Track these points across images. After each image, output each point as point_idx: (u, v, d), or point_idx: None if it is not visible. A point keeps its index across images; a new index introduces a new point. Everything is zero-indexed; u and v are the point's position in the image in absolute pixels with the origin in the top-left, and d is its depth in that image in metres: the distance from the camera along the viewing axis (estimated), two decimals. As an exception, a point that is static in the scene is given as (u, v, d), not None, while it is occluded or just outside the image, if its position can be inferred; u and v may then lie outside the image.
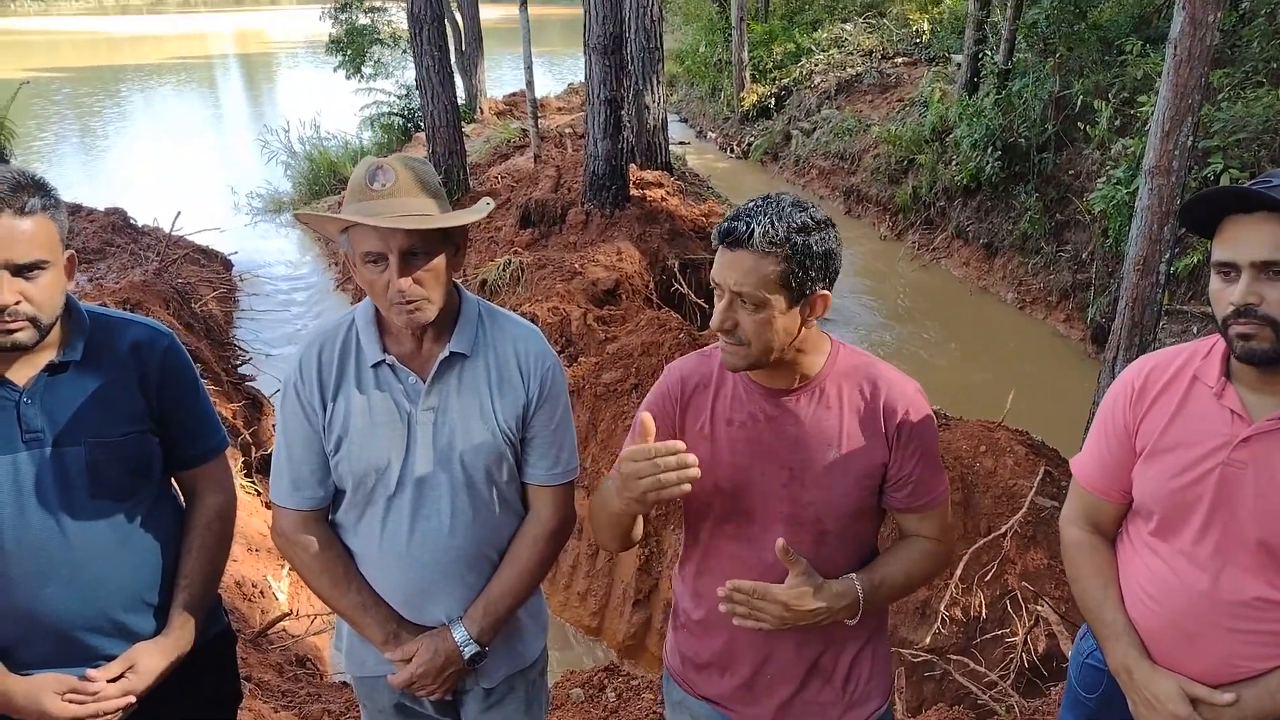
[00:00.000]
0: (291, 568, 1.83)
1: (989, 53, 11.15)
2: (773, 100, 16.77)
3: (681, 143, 16.03)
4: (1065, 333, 8.75)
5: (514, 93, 18.30)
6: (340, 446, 1.75)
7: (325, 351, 1.77)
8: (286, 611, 4.03)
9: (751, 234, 1.49)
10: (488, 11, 20.22)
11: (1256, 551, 1.50)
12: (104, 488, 1.67)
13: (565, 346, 6.02)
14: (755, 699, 1.75)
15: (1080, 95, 9.02)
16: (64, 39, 49.43)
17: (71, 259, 1.68)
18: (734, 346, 1.56)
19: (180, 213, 9.45)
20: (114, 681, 1.68)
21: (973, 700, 3.74)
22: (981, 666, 3.90)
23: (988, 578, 4.31)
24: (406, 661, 1.78)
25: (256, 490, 5.41)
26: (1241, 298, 1.44)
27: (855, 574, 1.64)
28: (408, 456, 1.74)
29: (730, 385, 1.69)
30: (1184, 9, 4.65)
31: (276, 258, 11.54)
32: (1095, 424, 1.74)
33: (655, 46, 10.23)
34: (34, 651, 1.66)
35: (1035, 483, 4.49)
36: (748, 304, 1.52)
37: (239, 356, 7.73)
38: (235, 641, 2.02)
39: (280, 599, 4.29)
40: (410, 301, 1.64)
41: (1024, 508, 4.37)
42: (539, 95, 12.81)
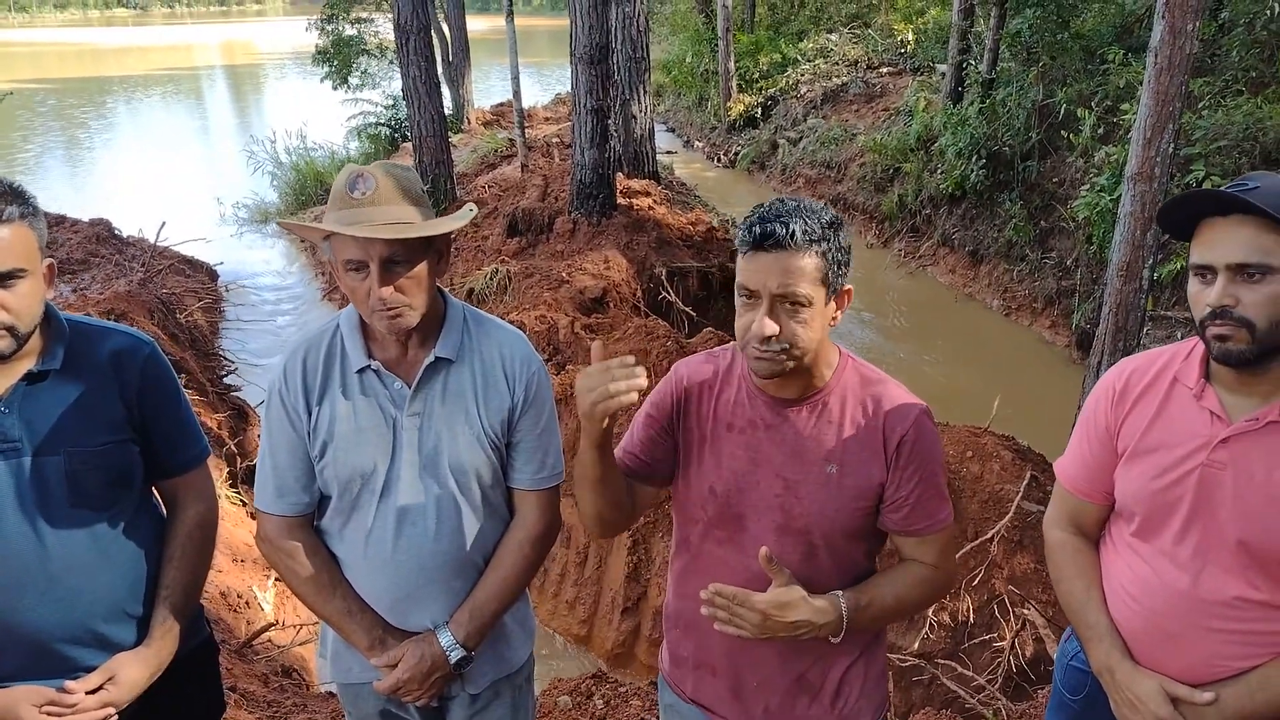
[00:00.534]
0: (277, 574, 1.81)
1: (973, 62, 11.24)
2: (759, 110, 16.87)
3: (669, 152, 16.07)
4: (1050, 339, 8.81)
5: (501, 103, 18.31)
6: (325, 452, 1.74)
7: (310, 357, 1.76)
8: (272, 622, 4.00)
9: (793, 234, 1.47)
10: (475, 23, 20.29)
11: (1236, 551, 1.51)
12: (83, 497, 1.66)
13: (553, 355, 6.01)
14: (744, 707, 1.74)
15: (1063, 104, 9.10)
16: (49, 50, 49.28)
17: (51, 267, 1.67)
18: (772, 353, 1.51)
19: (165, 223, 9.40)
20: (93, 693, 1.66)
21: (961, 704, 3.75)
22: (969, 671, 3.90)
23: (975, 582, 4.32)
24: (392, 667, 1.77)
25: (242, 501, 5.37)
26: (1217, 299, 1.45)
27: (842, 592, 1.61)
28: (393, 462, 1.74)
29: (734, 390, 1.68)
30: (1164, 18, 4.71)
31: (262, 268, 11.50)
32: (1078, 426, 1.75)
33: (641, 57, 10.27)
34: (11, 663, 1.64)
35: (1022, 487, 4.50)
36: (790, 305, 1.50)
37: (224, 367, 7.69)
38: (218, 652, 2.00)
39: (266, 609, 4.26)
40: (392, 309, 1.64)
41: (1010, 512, 4.38)
42: (526, 105, 12.84)
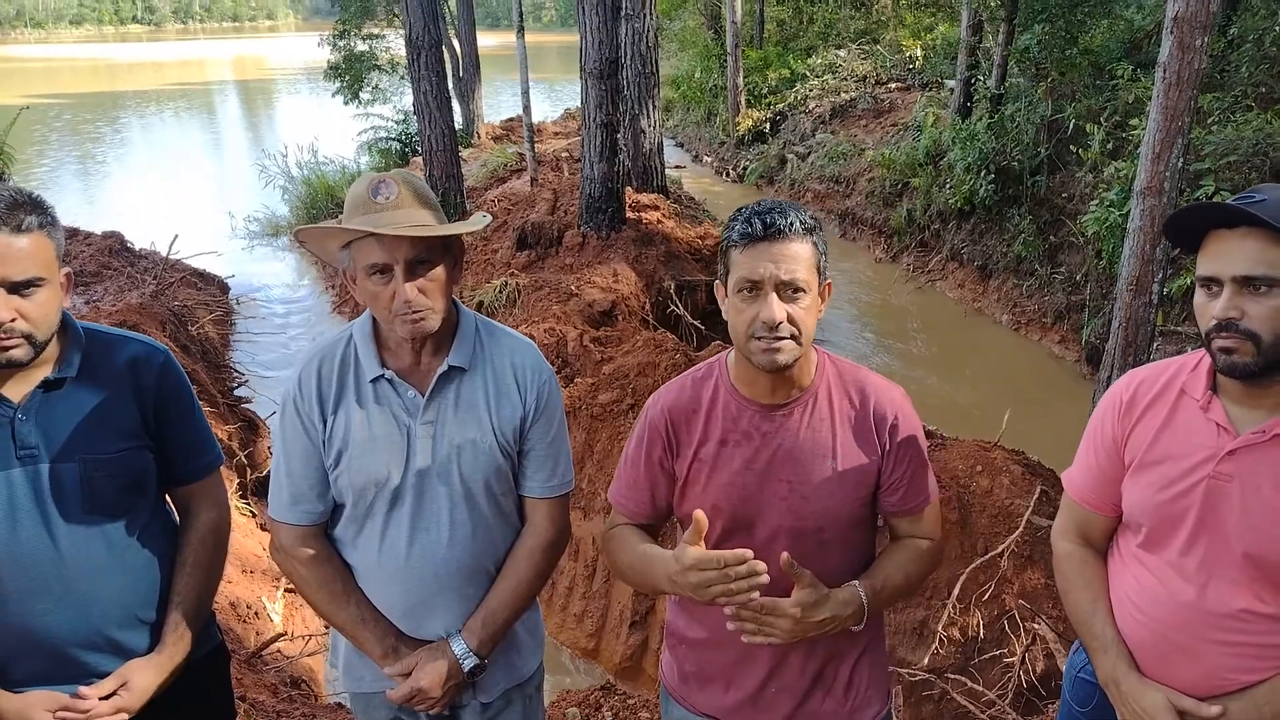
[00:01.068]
0: (290, 583, 1.83)
1: (981, 78, 11.26)
2: (768, 125, 16.91)
3: (677, 166, 16.14)
4: (1060, 354, 8.78)
5: (510, 118, 18.41)
6: (340, 460, 1.76)
7: (324, 367, 1.78)
8: (281, 632, 4.01)
9: (792, 224, 1.54)
10: (485, 39, 20.42)
11: (1242, 564, 1.51)
12: (98, 504, 1.68)
13: (561, 367, 6.03)
14: (759, 713, 1.75)
15: (1072, 119, 9.11)
16: (64, 66, 49.81)
17: (68, 276, 1.69)
18: (782, 341, 1.55)
19: (177, 236, 9.49)
20: (106, 699, 1.67)
21: (972, 719, 3.73)
22: (980, 686, 3.88)
23: (985, 597, 4.29)
24: (405, 676, 1.78)
25: (252, 512, 5.39)
26: (1223, 312, 1.45)
27: (857, 580, 1.65)
28: (407, 470, 1.75)
29: (721, 405, 1.70)
30: (1172, 33, 4.72)
31: (273, 281, 11.57)
32: (1085, 437, 1.75)
33: (651, 72, 10.33)
34: (26, 668, 1.66)
35: (1031, 502, 4.49)
36: (792, 292, 1.55)
37: (235, 379, 7.72)
38: (229, 658, 2.02)
39: (275, 620, 4.27)
40: (416, 311, 1.66)
41: (1020, 527, 4.37)
42: (536, 120, 12.91)
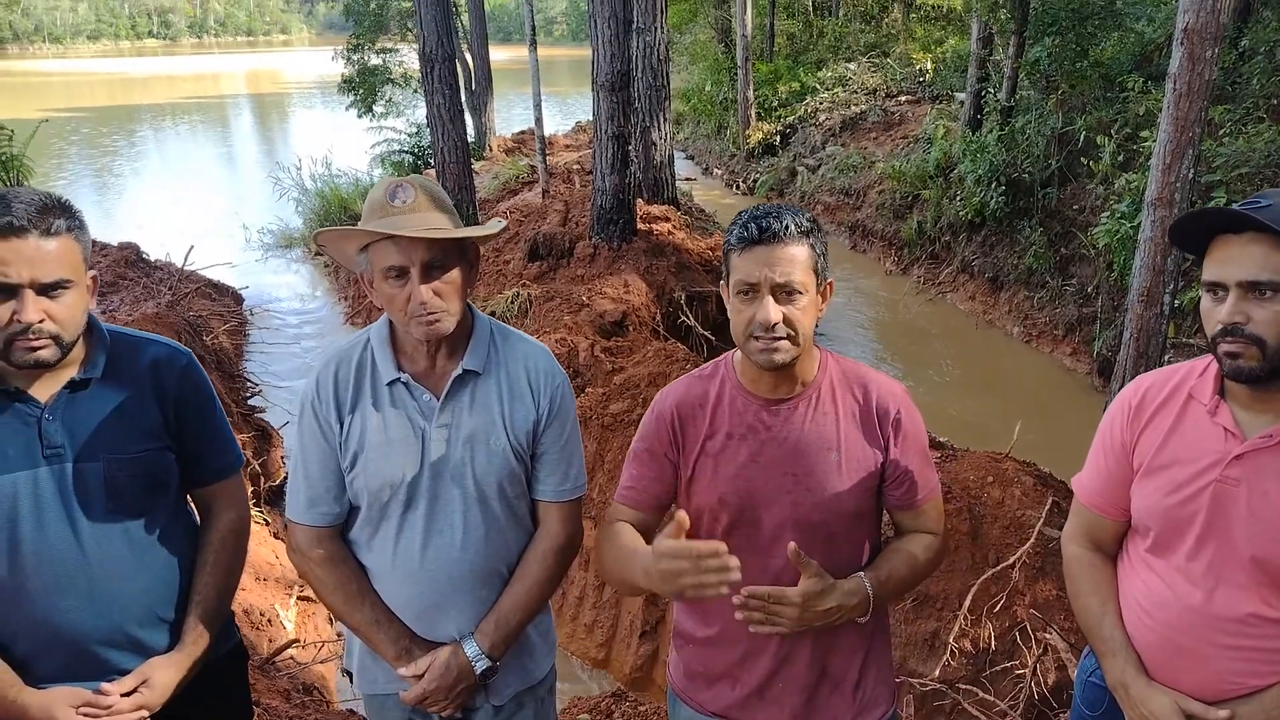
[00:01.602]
0: (306, 583, 1.86)
1: (991, 90, 11.27)
2: (778, 138, 16.95)
3: (688, 179, 16.18)
4: (1072, 366, 8.76)
5: (522, 131, 18.51)
6: (356, 462, 1.78)
7: (342, 370, 1.81)
8: (294, 639, 4.04)
9: (786, 227, 1.58)
10: (497, 53, 20.57)
11: (1250, 568, 1.52)
12: (121, 502, 1.71)
13: (573, 377, 6.06)
14: (766, 708, 1.77)
15: (1083, 131, 9.12)
16: (81, 80, 50.34)
17: (94, 279, 1.73)
18: (779, 341, 1.60)
19: (193, 247, 9.58)
20: (128, 696, 1.70)
21: (982, 730, 3.72)
22: (991, 696, 3.87)
23: (996, 609, 4.28)
24: (418, 677, 1.80)
25: (265, 520, 5.43)
26: (1228, 316, 1.47)
27: (863, 572, 1.68)
28: (421, 472, 1.78)
29: (727, 400, 1.74)
30: (1182, 45, 4.74)
31: (287, 292, 11.66)
32: (1095, 442, 1.76)
33: (662, 85, 10.39)
34: (49, 665, 1.69)
35: (1043, 513, 4.48)
36: (788, 294, 1.59)
37: (249, 389, 7.78)
38: (248, 658, 2.04)
39: (288, 628, 4.30)
40: (432, 312, 1.69)
41: (1032, 538, 4.36)
42: (547, 133, 12.98)
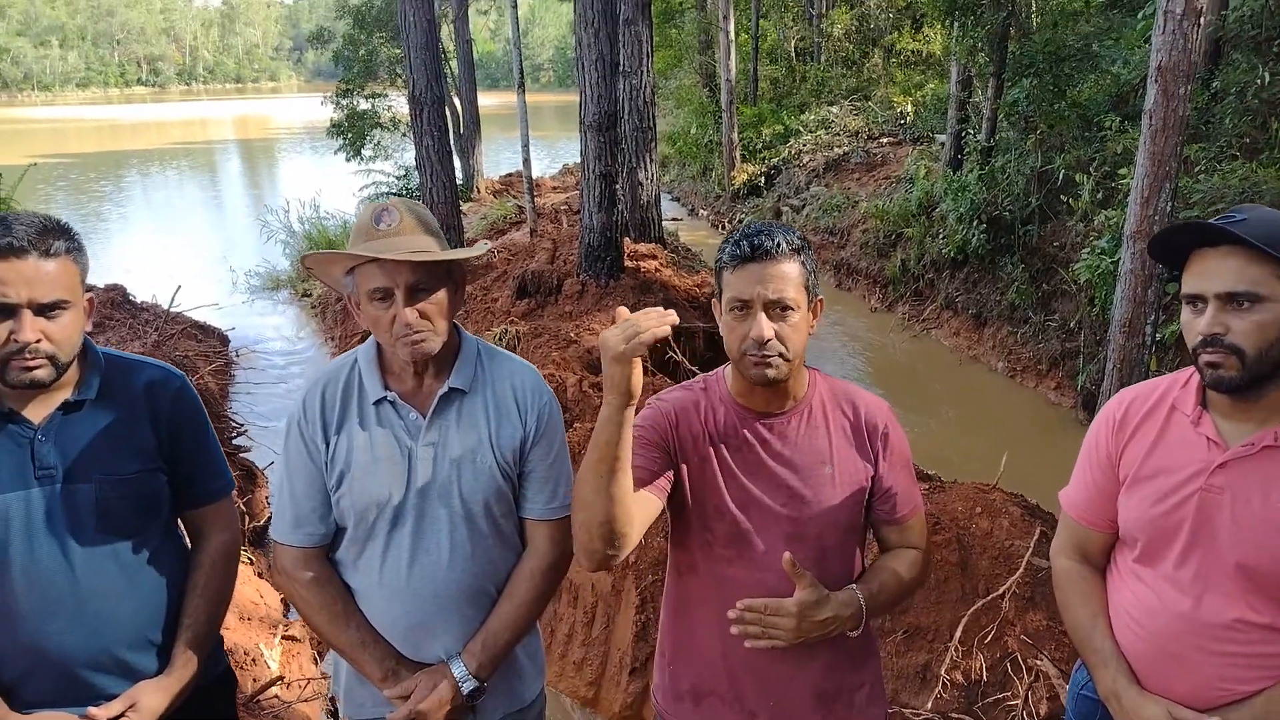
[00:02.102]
0: (292, 605, 1.84)
1: (971, 131, 11.49)
2: (763, 179, 17.19)
3: (674, 219, 16.35)
4: (1056, 400, 8.83)
5: (509, 173, 18.69)
6: (342, 482, 1.78)
7: (329, 390, 1.82)
8: (279, 676, 3.99)
9: (779, 244, 1.61)
10: (485, 99, 20.85)
11: (1235, 574, 1.53)
12: (112, 524, 1.70)
13: (562, 412, 6.06)
14: None
15: (1062, 169, 9.28)
16: (69, 126, 50.56)
17: (90, 301, 1.74)
18: (771, 357, 1.61)
19: (180, 288, 9.58)
20: None
21: (976, 761, 3.69)
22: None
23: (987, 640, 4.27)
24: (405, 699, 1.78)
25: (249, 559, 5.37)
26: (1208, 328, 1.50)
27: (854, 584, 1.70)
28: (408, 490, 1.78)
29: (722, 412, 1.74)
30: (1156, 82, 4.87)
31: (273, 334, 11.64)
32: (1081, 456, 1.79)
33: (648, 126, 10.53)
34: (37, 689, 1.67)
35: (1032, 543, 4.49)
36: (781, 310, 1.61)
37: (234, 429, 7.74)
38: (236, 683, 2.02)
39: (272, 667, 4.24)
40: (417, 333, 1.70)
41: (1021, 568, 4.36)
42: (534, 175, 13.11)
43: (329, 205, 15.22)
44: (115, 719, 1.68)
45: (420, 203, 1.84)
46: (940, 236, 10.97)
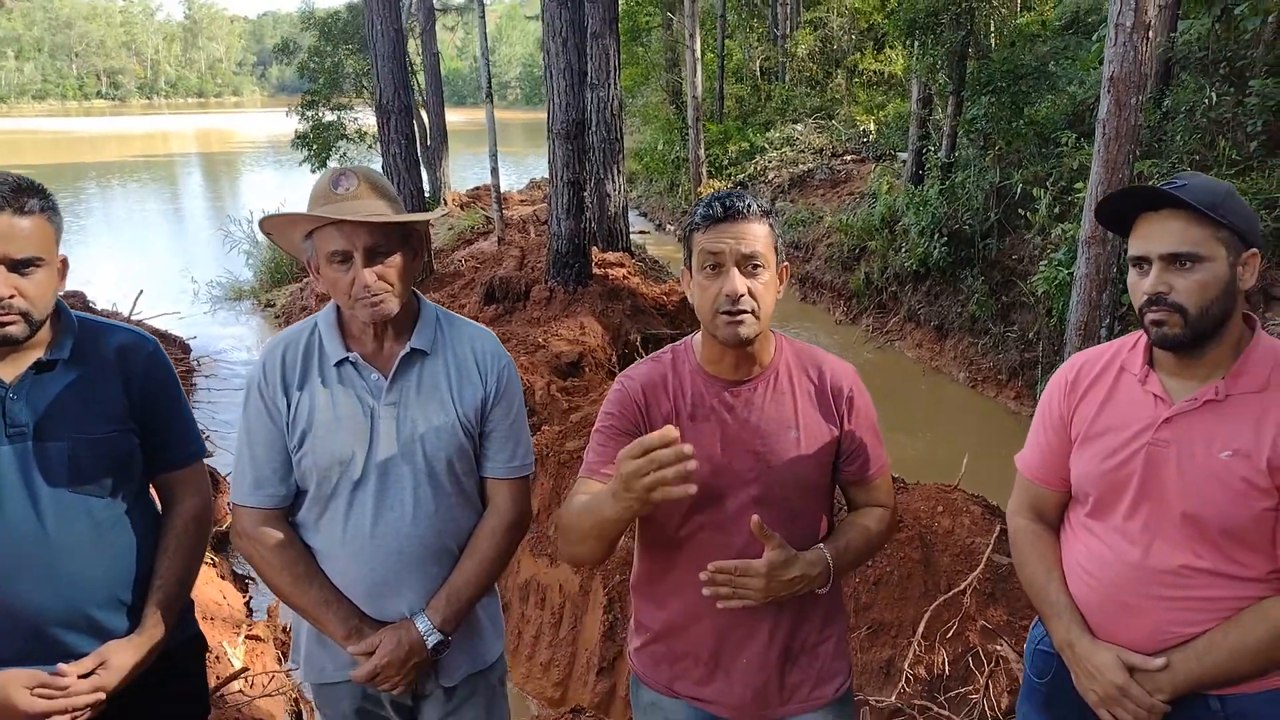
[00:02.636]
0: (254, 568, 1.85)
1: (932, 148, 11.73)
2: (729, 195, 17.33)
3: (641, 232, 16.45)
4: (1016, 409, 8.99)
5: (477, 186, 18.70)
6: (305, 441, 1.80)
7: (289, 353, 1.84)
8: (245, 667, 3.95)
9: (749, 206, 1.64)
10: (452, 115, 20.84)
11: (1181, 523, 1.61)
12: (85, 483, 1.70)
13: (529, 416, 6.07)
14: (733, 687, 1.79)
15: (1020, 185, 9.51)
16: (26, 138, 49.74)
17: (64, 262, 1.75)
18: (744, 314, 1.63)
19: (142, 292, 9.47)
20: (85, 678, 1.68)
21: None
22: (946, 711, 3.91)
23: (949, 634, 4.34)
24: (368, 655, 1.79)
25: (212, 561, 5.32)
26: (1152, 287, 1.58)
27: (822, 544, 1.74)
28: (371, 449, 1.80)
29: (689, 382, 1.77)
30: (1109, 92, 5.04)
31: (235, 344, 11.53)
32: (1035, 419, 1.86)
33: (616, 138, 10.63)
34: (7, 646, 1.66)
35: (992, 540, 4.57)
36: (752, 268, 1.63)
37: (196, 435, 7.65)
38: (206, 647, 2.02)
39: (235, 665, 4.19)
40: (375, 294, 1.73)
41: (981, 564, 4.44)
42: (502, 189, 13.15)
43: (293, 215, 15.08)
44: (85, 676, 1.68)
45: (377, 169, 1.87)
46: (903, 250, 11.16)
